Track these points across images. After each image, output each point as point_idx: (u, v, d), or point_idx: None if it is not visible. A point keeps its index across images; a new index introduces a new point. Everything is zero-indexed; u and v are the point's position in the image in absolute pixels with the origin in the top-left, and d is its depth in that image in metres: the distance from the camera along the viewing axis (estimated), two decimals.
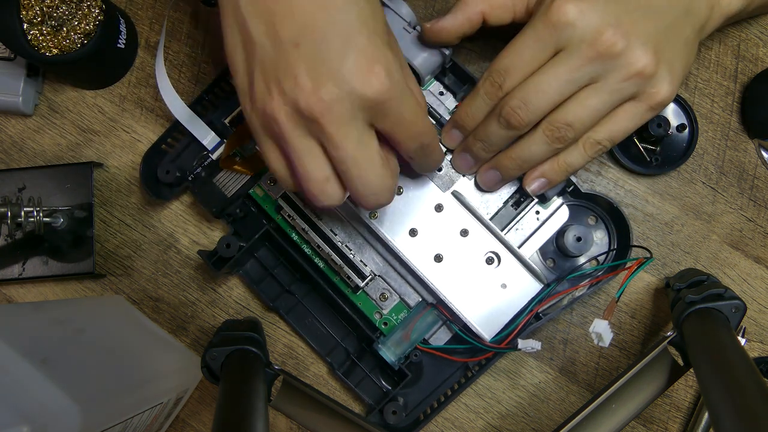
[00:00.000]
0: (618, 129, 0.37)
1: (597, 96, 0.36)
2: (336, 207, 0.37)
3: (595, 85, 0.36)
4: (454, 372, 0.45)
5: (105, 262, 0.48)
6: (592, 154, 0.38)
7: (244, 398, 0.33)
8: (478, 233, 0.41)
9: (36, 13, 0.42)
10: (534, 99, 0.36)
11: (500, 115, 0.37)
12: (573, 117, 0.36)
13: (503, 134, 0.38)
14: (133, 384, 0.39)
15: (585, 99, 0.36)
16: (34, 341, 0.34)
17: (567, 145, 0.38)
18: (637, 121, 0.37)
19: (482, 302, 0.41)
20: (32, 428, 0.28)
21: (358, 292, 0.44)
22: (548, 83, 0.35)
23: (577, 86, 0.36)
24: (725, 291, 0.38)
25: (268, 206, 0.44)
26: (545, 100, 0.36)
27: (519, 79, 0.37)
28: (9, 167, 0.48)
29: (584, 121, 0.36)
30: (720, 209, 0.46)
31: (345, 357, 0.46)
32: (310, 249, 0.44)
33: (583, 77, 0.35)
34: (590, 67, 0.35)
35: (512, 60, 0.36)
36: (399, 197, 0.42)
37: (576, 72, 0.35)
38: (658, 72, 0.35)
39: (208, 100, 0.45)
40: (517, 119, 0.36)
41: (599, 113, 0.36)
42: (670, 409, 0.45)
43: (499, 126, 0.37)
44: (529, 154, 0.38)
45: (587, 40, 0.34)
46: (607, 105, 0.36)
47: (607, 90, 0.35)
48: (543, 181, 0.40)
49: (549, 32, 0.35)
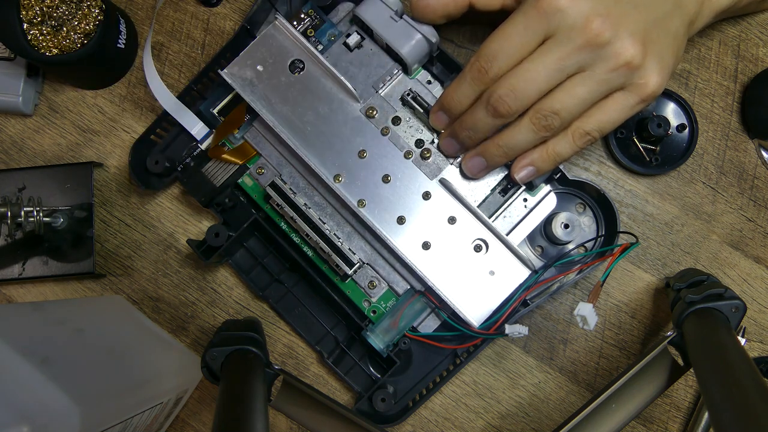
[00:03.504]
0: (607, 119, 0.37)
1: (584, 85, 0.36)
2: None
3: (582, 74, 0.35)
4: (443, 359, 0.45)
5: (105, 262, 0.48)
6: (581, 144, 0.38)
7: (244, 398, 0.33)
8: (466, 221, 0.42)
9: (36, 13, 0.42)
10: (522, 86, 0.36)
11: (488, 103, 0.37)
12: (560, 105, 0.36)
13: (490, 122, 0.38)
14: (133, 384, 0.39)
15: (572, 88, 0.36)
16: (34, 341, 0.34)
17: (554, 134, 0.37)
18: (627, 112, 0.37)
19: (470, 289, 0.41)
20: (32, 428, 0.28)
21: (347, 280, 0.44)
22: (537, 71, 0.35)
23: (565, 75, 0.36)
24: (725, 291, 0.38)
25: (256, 195, 0.45)
26: (533, 88, 0.36)
27: (506, 65, 0.36)
28: (9, 167, 0.48)
29: (571, 110, 0.36)
30: (720, 209, 0.46)
31: (334, 345, 0.46)
32: (298, 238, 0.44)
33: (572, 66, 0.35)
34: (579, 55, 0.35)
35: (501, 45, 0.36)
36: (386, 185, 0.42)
37: (565, 60, 0.35)
38: (646, 63, 0.35)
39: (196, 90, 0.45)
40: (505, 107, 0.36)
41: (586, 102, 0.36)
42: (670, 409, 0.45)
43: (486, 114, 0.37)
44: (515, 141, 0.38)
45: (577, 27, 0.34)
46: (595, 94, 0.36)
47: (595, 79, 0.35)
48: (531, 169, 0.40)
49: (539, 18, 0.35)
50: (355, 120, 0.42)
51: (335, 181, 0.42)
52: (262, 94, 0.42)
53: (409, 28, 0.41)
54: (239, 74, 0.42)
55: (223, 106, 0.45)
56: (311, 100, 0.42)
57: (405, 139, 0.42)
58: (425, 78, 0.44)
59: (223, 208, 0.45)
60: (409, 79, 0.43)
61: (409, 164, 0.42)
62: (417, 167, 0.42)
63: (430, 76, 0.44)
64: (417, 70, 0.44)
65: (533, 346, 0.46)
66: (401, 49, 0.41)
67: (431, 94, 0.43)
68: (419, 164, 0.42)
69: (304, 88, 0.42)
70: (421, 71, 0.44)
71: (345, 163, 0.42)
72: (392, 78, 0.43)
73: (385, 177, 0.42)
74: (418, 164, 0.42)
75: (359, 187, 0.42)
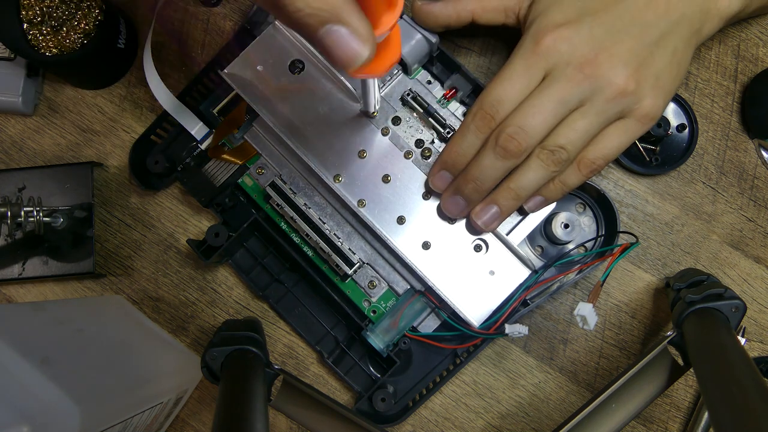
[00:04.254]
0: (611, 146, 0.38)
1: (585, 118, 0.36)
2: None
3: (582, 108, 0.36)
4: (443, 359, 0.45)
5: (105, 262, 0.48)
6: (587, 173, 0.38)
7: (244, 398, 0.33)
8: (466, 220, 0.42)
9: (36, 13, 0.42)
10: (531, 122, 0.36)
11: (496, 144, 0.36)
12: (565, 140, 0.36)
13: (499, 166, 0.37)
14: (133, 384, 0.39)
15: (573, 122, 0.36)
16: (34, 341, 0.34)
17: (563, 168, 0.38)
18: (629, 137, 0.38)
19: (470, 289, 0.41)
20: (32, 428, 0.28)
21: (347, 280, 0.44)
22: (542, 105, 0.36)
23: (568, 109, 0.36)
24: (725, 291, 0.38)
25: (256, 195, 0.45)
26: (541, 123, 0.36)
27: (511, 109, 0.37)
28: (9, 167, 0.48)
29: (576, 142, 0.37)
30: (720, 209, 0.46)
31: (334, 345, 0.46)
32: (298, 238, 0.45)
33: (573, 99, 0.36)
34: (578, 88, 0.36)
35: (504, 89, 0.37)
36: (386, 185, 0.42)
37: (567, 93, 0.36)
38: (640, 89, 0.36)
39: (196, 91, 0.45)
40: (515, 145, 0.36)
41: (589, 134, 0.37)
42: (670, 409, 0.45)
43: (495, 157, 0.37)
44: (527, 182, 0.38)
45: (573, 63, 0.36)
46: (595, 126, 0.37)
47: (594, 111, 0.36)
48: (540, 199, 0.40)
49: (537, 59, 0.36)
50: (354, 120, 0.42)
51: (335, 181, 0.42)
52: (262, 94, 0.42)
53: (409, 28, 0.41)
54: (239, 74, 0.42)
55: (223, 106, 0.45)
56: (311, 101, 0.42)
57: (405, 139, 0.42)
58: (425, 78, 0.44)
59: (223, 208, 0.45)
60: (409, 79, 0.43)
61: (409, 164, 0.42)
62: (417, 167, 0.42)
63: (430, 76, 0.44)
64: (417, 70, 0.44)
65: (533, 346, 0.46)
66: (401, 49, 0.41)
67: (431, 94, 0.43)
68: (419, 164, 0.42)
69: (304, 88, 0.42)
70: (421, 71, 0.44)
71: (345, 163, 0.42)
72: (392, 78, 0.43)
73: (385, 177, 0.42)
74: (418, 164, 0.42)
75: (359, 187, 0.42)
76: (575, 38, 0.36)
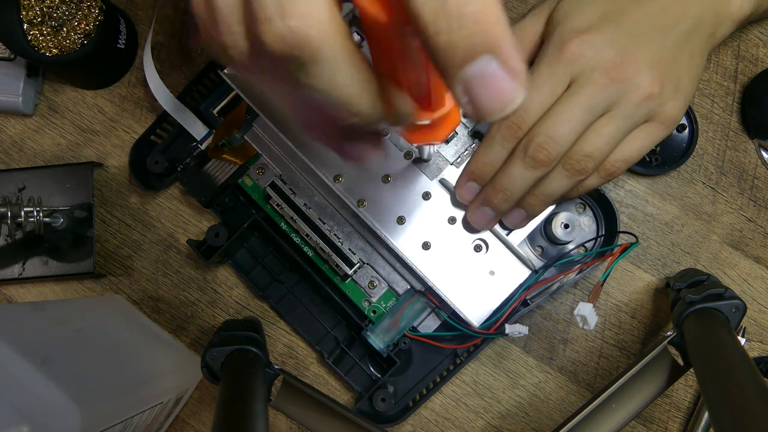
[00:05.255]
0: (632, 150, 0.37)
1: (612, 123, 0.36)
2: None
3: (609, 113, 0.36)
4: (443, 359, 0.45)
5: (105, 262, 0.48)
6: (607, 176, 0.38)
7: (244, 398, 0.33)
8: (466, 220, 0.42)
9: (36, 13, 0.42)
10: (560, 130, 0.35)
11: (525, 154, 0.36)
12: (591, 147, 0.36)
13: (528, 176, 0.37)
14: (133, 384, 0.39)
15: (601, 128, 0.36)
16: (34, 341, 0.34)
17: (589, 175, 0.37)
18: (653, 139, 0.37)
19: (470, 289, 0.41)
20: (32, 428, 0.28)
21: (347, 280, 0.44)
22: (571, 113, 0.35)
23: (595, 115, 0.36)
24: (725, 291, 0.38)
25: (256, 195, 0.45)
26: (570, 130, 0.35)
27: (537, 117, 0.36)
28: (9, 167, 0.48)
29: (603, 149, 0.36)
30: (720, 209, 0.46)
31: (334, 345, 0.46)
32: (298, 238, 0.45)
33: (600, 105, 0.35)
34: (605, 94, 0.35)
35: (531, 97, 0.36)
36: (386, 185, 0.42)
37: (593, 99, 0.35)
38: (664, 91, 0.36)
39: (196, 91, 0.45)
40: (545, 154, 0.35)
41: (615, 140, 0.36)
42: (670, 409, 0.45)
43: (525, 167, 0.36)
44: (553, 190, 0.37)
45: (598, 68, 0.35)
46: (622, 131, 0.36)
47: (621, 116, 0.36)
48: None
49: (563, 66, 0.36)
50: None
51: (335, 182, 0.42)
52: (262, 95, 0.42)
53: None
54: (239, 74, 0.42)
55: (223, 106, 0.45)
56: None
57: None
58: None
59: (223, 208, 0.45)
60: None
61: (409, 164, 0.42)
62: (417, 167, 0.42)
63: None
64: None
65: (533, 346, 0.46)
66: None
67: None
68: (419, 164, 0.42)
69: None
70: None
71: (344, 163, 0.42)
72: None
73: (385, 177, 0.42)
74: (418, 164, 0.42)
75: (359, 187, 0.42)
76: (600, 43, 0.35)
